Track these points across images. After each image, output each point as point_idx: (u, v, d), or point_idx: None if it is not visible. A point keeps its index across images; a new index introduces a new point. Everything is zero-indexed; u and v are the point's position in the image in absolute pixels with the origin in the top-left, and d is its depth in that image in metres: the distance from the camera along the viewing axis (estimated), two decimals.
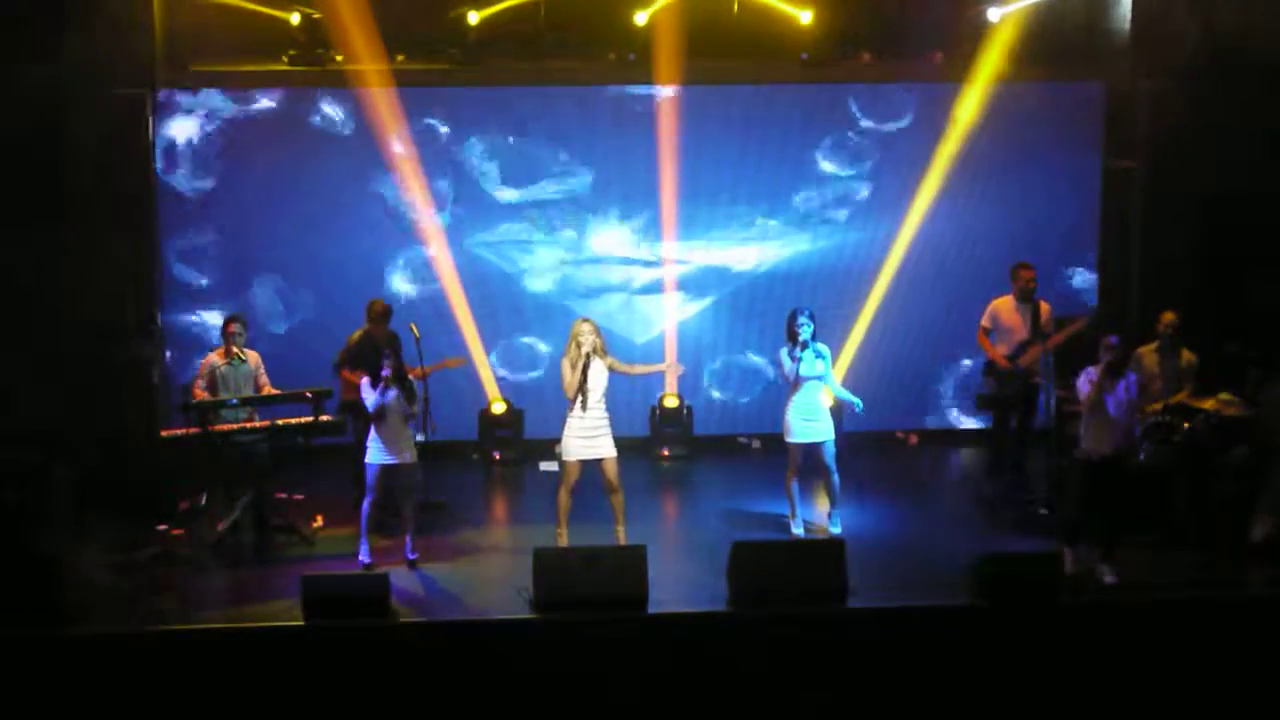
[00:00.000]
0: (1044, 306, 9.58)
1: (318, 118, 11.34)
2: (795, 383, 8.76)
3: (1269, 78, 9.91)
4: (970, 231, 11.85)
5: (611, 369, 8.41)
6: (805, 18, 11.09)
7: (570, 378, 8.31)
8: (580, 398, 8.28)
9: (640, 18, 11.01)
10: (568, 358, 8.34)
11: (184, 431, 8.70)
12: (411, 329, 9.23)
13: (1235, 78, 10.10)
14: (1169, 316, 9.23)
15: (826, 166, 11.80)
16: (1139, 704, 7.24)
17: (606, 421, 8.38)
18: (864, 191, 11.84)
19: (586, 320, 8.46)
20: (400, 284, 11.48)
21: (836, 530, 8.90)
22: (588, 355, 8.26)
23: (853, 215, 11.88)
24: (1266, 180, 10.12)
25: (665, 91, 11.48)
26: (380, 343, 9.04)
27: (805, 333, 8.71)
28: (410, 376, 8.54)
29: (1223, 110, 10.26)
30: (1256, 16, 9.77)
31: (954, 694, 7.24)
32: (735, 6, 11.19)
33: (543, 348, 11.71)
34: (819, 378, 8.79)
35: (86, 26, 9.06)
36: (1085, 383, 8.02)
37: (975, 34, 11.23)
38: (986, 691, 7.24)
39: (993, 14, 11.02)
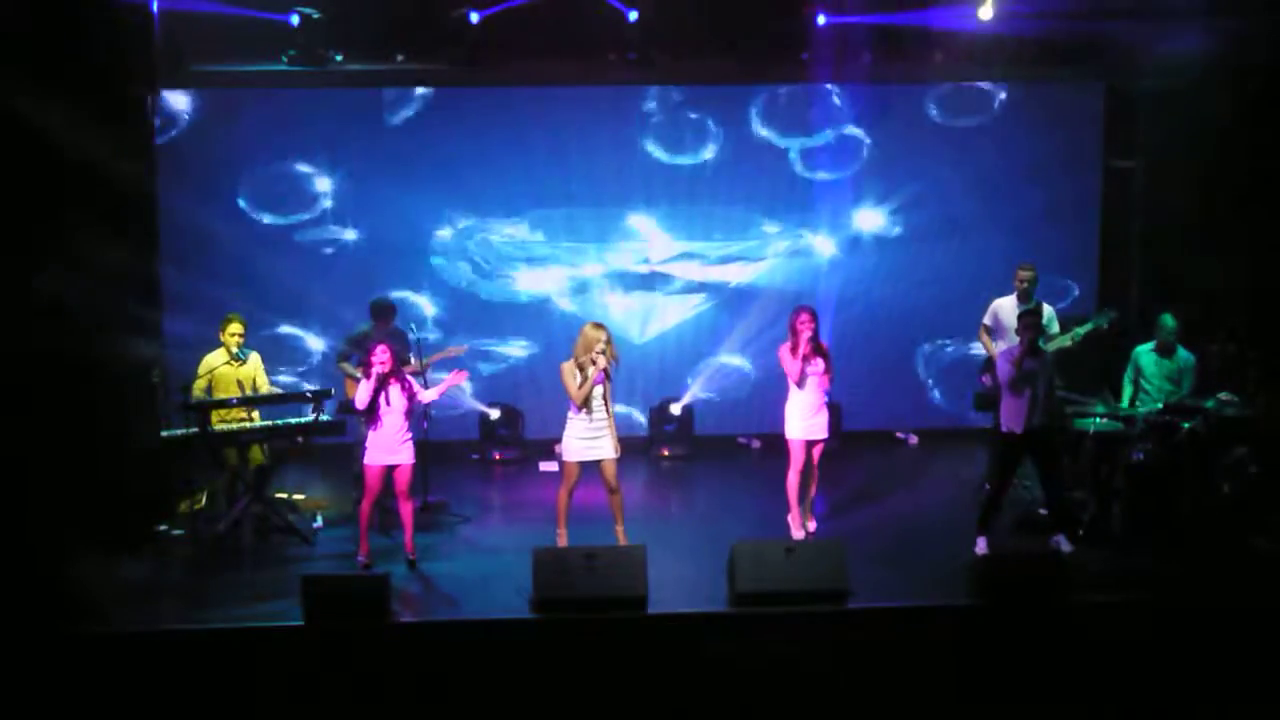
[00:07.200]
0: (1045, 308, 9.55)
1: (318, 117, 11.35)
2: (797, 380, 8.77)
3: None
4: (970, 231, 11.85)
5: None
6: (817, 19, 11.00)
7: (575, 385, 8.24)
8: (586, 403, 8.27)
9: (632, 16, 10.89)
10: (574, 362, 8.26)
11: (184, 431, 8.70)
12: (411, 328, 9.26)
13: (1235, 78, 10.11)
14: (1166, 317, 9.22)
15: (822, 170, 11.81)
16: (1139, 704, 7.23)
17: (608, 423, 8.37)
18: (863, 191, 11.85)
19: (600, 327, 8.28)
20: (399, 284, 11.47)
21: (811, 526, 8.96)
22: (605, 370, 8.19)
23: (852, 215, 11.88)
24: (1266, 180, 10.11)
25: (661, 91, 11.48)
26: (381, 339, 9.06)
27: (807, 330, 8.71)
28: (409, 372, 8.55)
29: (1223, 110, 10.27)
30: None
31: (954, 694, 7.24)
32: None
33: (537, 348, 11.71)
34: (820, 375, 8.80)
35: (86, 27, 9.03)
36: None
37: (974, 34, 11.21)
38: (986, 691, 7.24)
39: (984, 14, 10.95)
